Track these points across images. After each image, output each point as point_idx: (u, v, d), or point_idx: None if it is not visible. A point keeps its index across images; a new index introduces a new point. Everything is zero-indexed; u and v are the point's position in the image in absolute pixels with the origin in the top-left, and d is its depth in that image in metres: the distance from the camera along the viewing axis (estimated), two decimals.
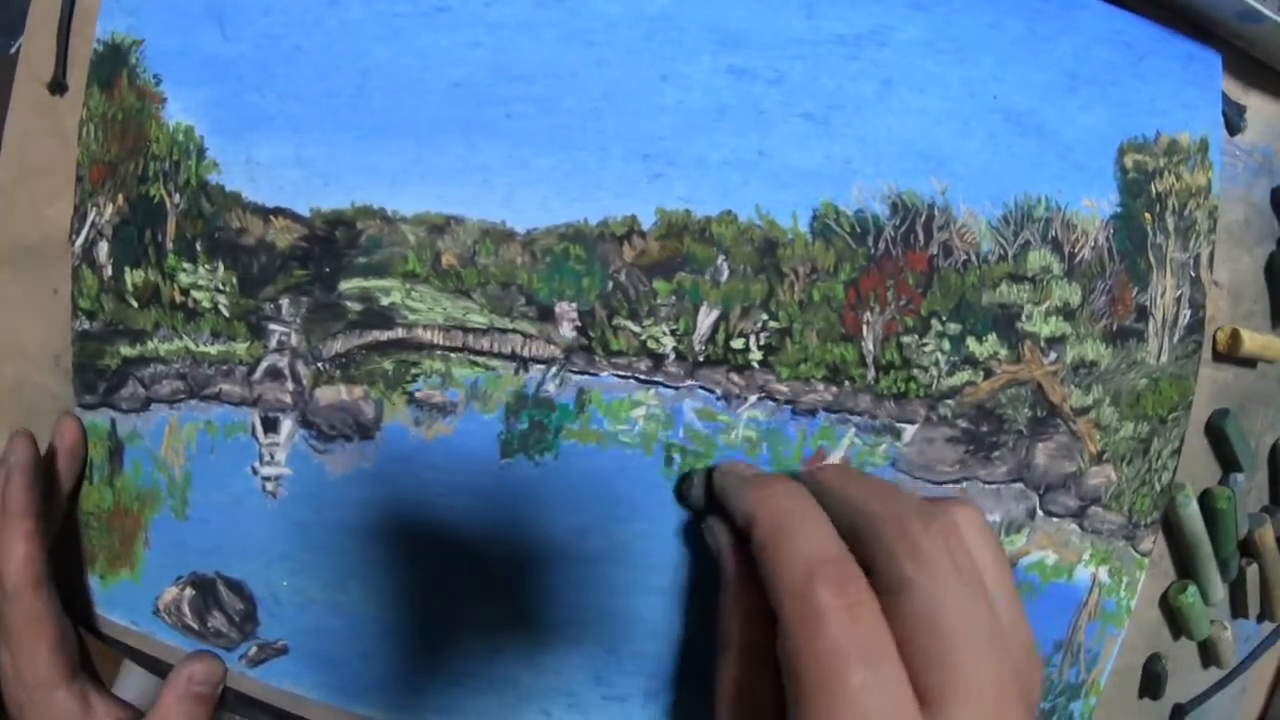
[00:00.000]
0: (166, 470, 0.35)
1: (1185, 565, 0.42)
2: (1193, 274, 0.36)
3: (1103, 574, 0.38)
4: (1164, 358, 0.36)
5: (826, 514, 0.27)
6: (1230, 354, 0.39)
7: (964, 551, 0.25)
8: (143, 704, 0.37)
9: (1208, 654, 0.44)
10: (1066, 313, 0.34)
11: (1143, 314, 0.35)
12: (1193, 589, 0.41)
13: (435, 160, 0.31)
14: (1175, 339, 0.36)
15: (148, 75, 0.33)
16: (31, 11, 0.36)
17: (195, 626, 0.36)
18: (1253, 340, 0.39)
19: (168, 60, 0.33)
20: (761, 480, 0.30)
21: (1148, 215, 0.35)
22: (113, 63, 0.34)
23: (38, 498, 0.35)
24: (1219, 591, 0.42)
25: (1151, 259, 0.35)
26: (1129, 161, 0.35)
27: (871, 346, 0.33)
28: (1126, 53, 0.34)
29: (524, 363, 0.32)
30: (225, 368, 0.34)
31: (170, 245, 0.33)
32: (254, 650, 0.36)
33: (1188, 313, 0.36)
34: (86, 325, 0.35)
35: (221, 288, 0.33)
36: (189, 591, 0.36)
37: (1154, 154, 0.35)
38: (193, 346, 0.34)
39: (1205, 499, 0.41)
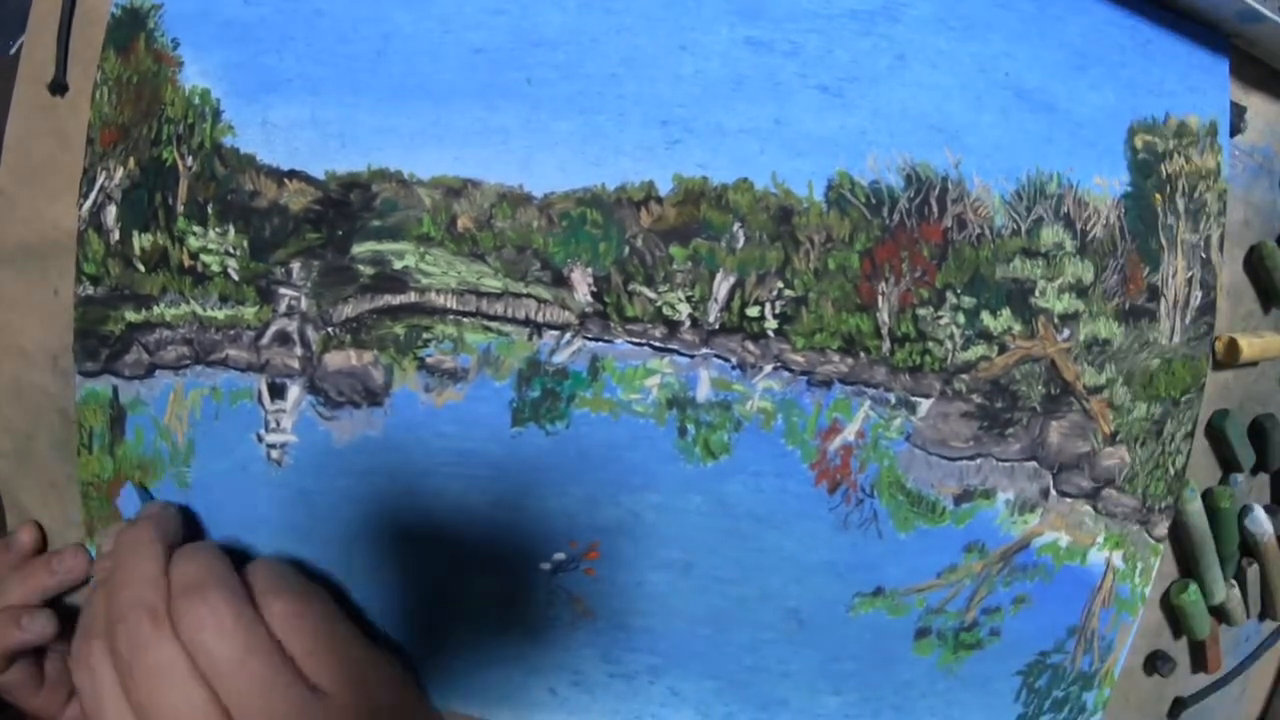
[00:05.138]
0: (169, 438, 0.34)
1: (1188, 563, 0.41)
2: (1203, 256, 0.36)
3: (1117, 559, 0.37)
4: (1176, 338, 0.36)
5: None
6: (1229, 363, 0.39)
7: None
8: None
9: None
10: (1079, 290, 0.34)
11: (1154, 294, 0.35)
12: (1193, 588, 0.41)
13: (454, 122, 0.31)
14: (1187, 320, 0.36)
15: (165, 39, 0.33)
16: (31, 11, 0.36)
17: None
18: (1251, 346, 0.39)
19: (186, 23, 0.33)
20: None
21: (1158, 196, 0.35)
22: (130, 27, 0.34)
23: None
24: (1222, 591, 0.42)
25: (1163, 239, 0.35)
26: (1139, 142, 0.35)
27: (887, 318, 0.33)
28: (1135, 34, 0.35)
29: (538, 328, 0.32)
30: (233, 332, 0.33)
31: (181, 208, 0.33)
32: None
33: (1199, 294, 0.36)
34: (90, 290, 0.35)
35: (232, 251, 0.33)
36: None
37: (1163, 135, 0.35)
38: (200, 311, 0.33)
39: (1207, 499, 0.41)
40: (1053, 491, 0.36)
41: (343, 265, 0.32)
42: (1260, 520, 0.42)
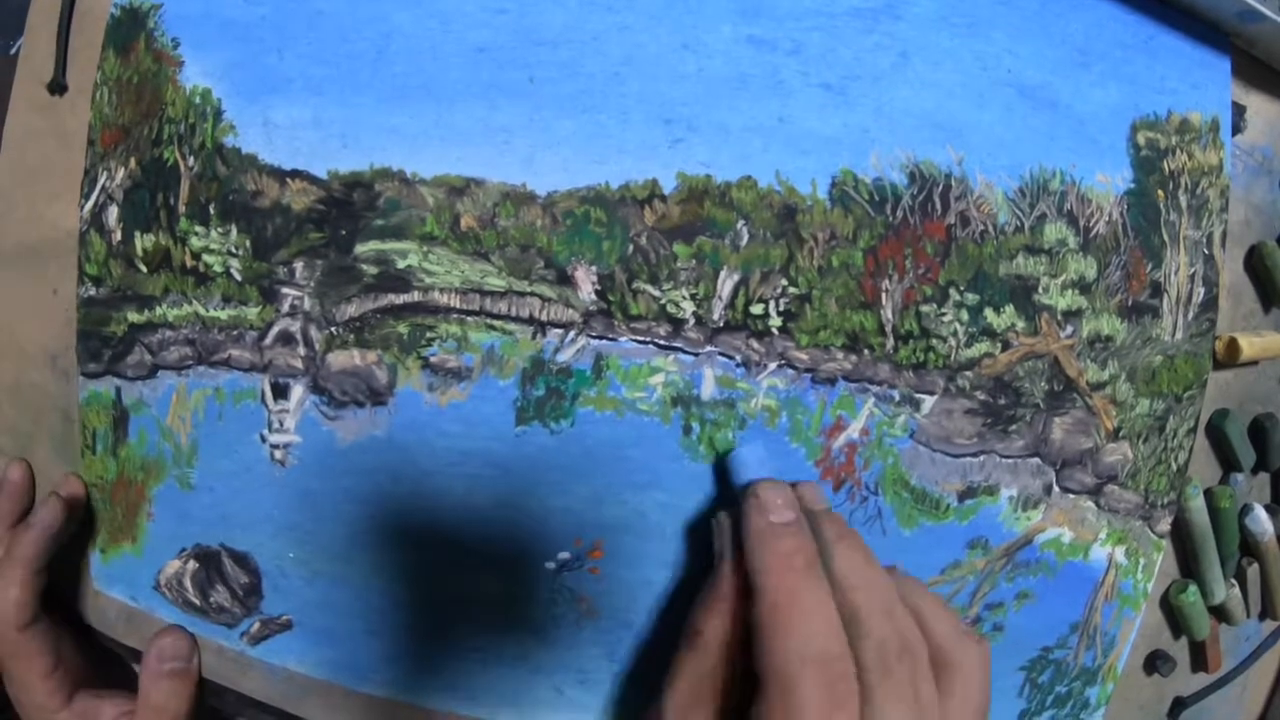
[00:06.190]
0: (172, 439, 0.34)
1: (1189, 562, 0.41)
2: (1206, 252, 0.36)
3: (1119, 554, 0.37)
4: (1179, 334, 0.36)
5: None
6: (1229, 363, 0.39)
7: (929, 696, 0.27)
8: None
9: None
10: (1082, 286, 0.34)
11: (1157, 290, 0.36)
12: (1193, 588, 0.41)
13: (456, 122, 0.31)
14: (1190, 316, 0.36)
15: (166, 39, 0.33)
16: (31, 11, 0.36)
17: (197, 602, 0.35)
18: (1251, 346, 0.39)
19: (187, 23, 0.33)
20: (776, 544, 0.28)
21: (1160, 192, 0.35)
22: (130, 27, 0.34)
23: (46, 553, 0.36)
24: (1222, 590, 0.42)
25: (1165, 236, 0.35)
26: (1141, 138, 0.35)
27: (890, 315, 0.33)
28: (1136, 31, 0.35)
29: (542, 327, 0.32)
30: (236, 333, 0.33)
31: (183, 209, 0.33)
32: (256, 626, 0.35)
33: (1201, 290, 0.36)
34: (92, 291, 0.35)
35: (234, 251, 0.33)
36: (192, 564, 0.35)
37: (1166, 132, 0.35)
38: (203, 311, 0.33)
39: (1207, 498, 0.41)
40: (1055, 488, 0.36)
41: (346, 265, 0.32)
42: (1260, 520, 0.42)
